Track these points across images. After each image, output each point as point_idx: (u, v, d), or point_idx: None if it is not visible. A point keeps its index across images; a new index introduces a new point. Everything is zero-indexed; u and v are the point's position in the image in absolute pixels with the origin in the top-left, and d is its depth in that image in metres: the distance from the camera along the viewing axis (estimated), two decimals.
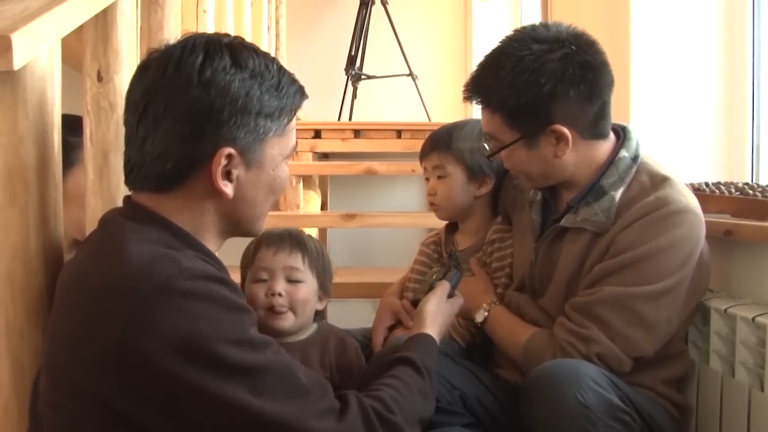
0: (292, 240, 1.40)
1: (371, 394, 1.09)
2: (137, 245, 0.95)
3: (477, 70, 1.44)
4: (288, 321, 1.37)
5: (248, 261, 1.43)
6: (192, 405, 0.91)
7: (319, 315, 1.47)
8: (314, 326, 1.45)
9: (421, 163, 1.72)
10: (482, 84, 1.42)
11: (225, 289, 0.95)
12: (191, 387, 0.90)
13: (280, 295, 1.36)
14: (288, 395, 0.96)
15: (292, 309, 1.37)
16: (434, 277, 1.50)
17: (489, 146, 1.47)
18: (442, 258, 1.73)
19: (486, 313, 1.52)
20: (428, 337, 1.32)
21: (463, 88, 1.46)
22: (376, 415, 1.04)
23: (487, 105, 1.42)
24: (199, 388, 0.90)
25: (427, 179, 1.70)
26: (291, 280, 1.38)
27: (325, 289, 1.44)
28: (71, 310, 0.96)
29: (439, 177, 1.67)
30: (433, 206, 1.71)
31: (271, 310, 1.37)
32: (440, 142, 1.66)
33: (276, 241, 1.39)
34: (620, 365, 1.34)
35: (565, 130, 1.37)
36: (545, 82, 1.34)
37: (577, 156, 1.41)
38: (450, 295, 1.45)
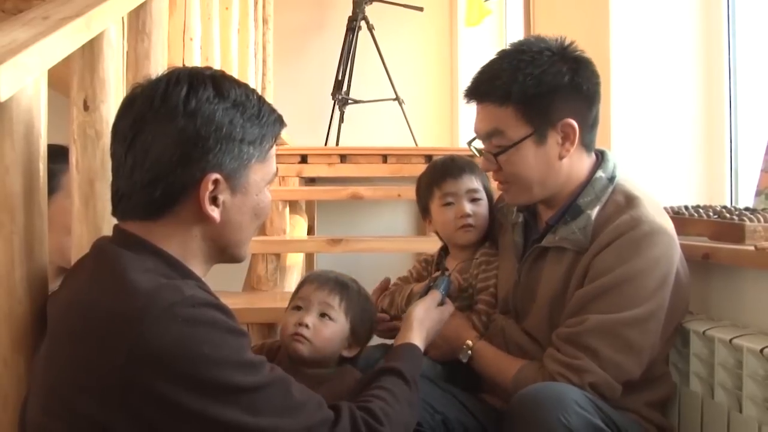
0: (337, 282, 1.45)
1: (362, 405, 1.13)
2: (138, 273, 0.98)
3: (485, 70, 1.46)
4: (305, 347, 1.38)
5: (294, 295, 1.47)
6: (194, 426, 0.95)
7: (346, 362, 1.46)
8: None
9: (441, 187, 1.68)
10: (497, 78, 1.42)
11: (223, 315, 0.99)
12: (194, 410, 0.93)
13: (306, 326, 1.38)
14: (283, 410, 1.01)
15: (313, 341, 1.39)
16: (427, 284, 1.52)
17: (490, 145, 1.45)
18: (429, 275, 1.74)
19: (470, 352, 1.51)
20: (414, 347, 1.35)
21: (467, 89, 1.47)
22: (365, 425, 1.09)
23: (502, 98, 1.41)
24: (201, 410, 0.94)
25: (449, 204, 1.67)
26: (323, 315, 1.41)
27: (357, 337, 1.44)
28: (73, 337, 0.97)
29: (474, 200, 1.67)
30: (466, 227, 1.67)
31: (295, 335, 1.40)
32: (473, 168, 1.67)
33: (321, 279, 1.45)
34: (612, 392, 1.35)
35: (575, 125, 1.41)
36: (565, 73, 1.40)
37: (570, 163, 1.44)
38: (440, 303, 1.48)
